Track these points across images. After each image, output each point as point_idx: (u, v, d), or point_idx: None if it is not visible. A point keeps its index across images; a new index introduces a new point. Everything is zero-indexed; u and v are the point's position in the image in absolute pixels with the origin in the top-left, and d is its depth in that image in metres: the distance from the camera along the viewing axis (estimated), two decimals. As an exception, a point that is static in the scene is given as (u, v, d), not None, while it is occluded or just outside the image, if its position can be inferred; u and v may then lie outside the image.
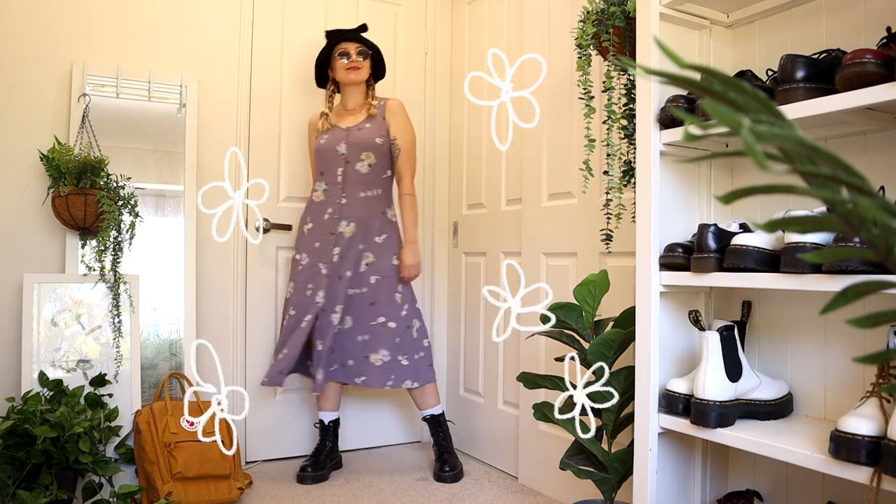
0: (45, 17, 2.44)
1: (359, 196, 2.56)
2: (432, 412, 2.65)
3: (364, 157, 2.57)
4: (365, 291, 2.55)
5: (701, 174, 1.76)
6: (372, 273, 2.56)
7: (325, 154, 2.59)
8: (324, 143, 2.59)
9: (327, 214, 2.56)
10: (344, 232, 2.54)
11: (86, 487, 2.06)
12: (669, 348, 1.66)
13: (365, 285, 2.55)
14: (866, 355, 0.43)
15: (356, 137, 2.57)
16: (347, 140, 2.57)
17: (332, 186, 2.57)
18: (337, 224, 2.54)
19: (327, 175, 2.59)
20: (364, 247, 2.56)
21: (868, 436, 1.21)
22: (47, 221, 2.39)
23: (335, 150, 2.57)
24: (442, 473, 2.57)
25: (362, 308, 2.54)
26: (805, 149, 0.38)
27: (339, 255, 2.53)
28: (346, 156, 2.57)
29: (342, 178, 2.56)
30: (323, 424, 2.65)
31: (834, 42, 1.56)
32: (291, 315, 2.55)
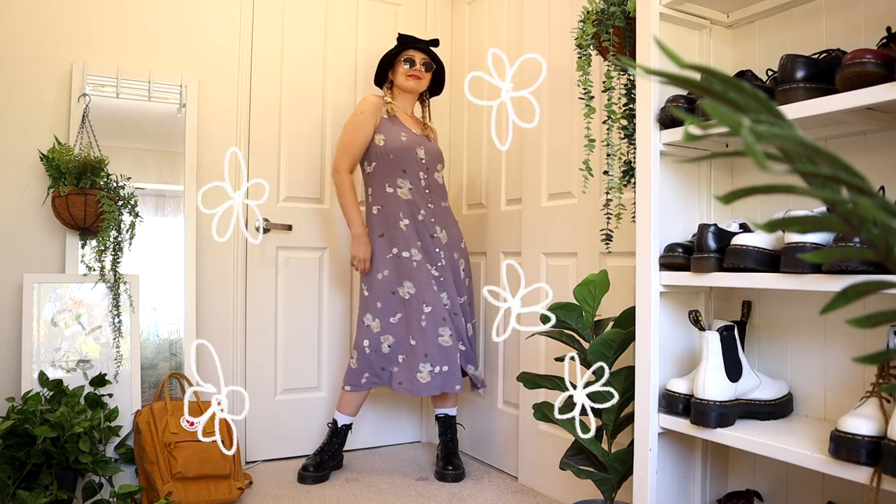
0: (45, 17, 2.44)
1: (442, 205, 2.62)
2: (448, 412, 2.67)
3: (439, 168, 2.64)
4: (466, 298, 2.65)
5: (701, 174, 1.76)
6: (467, 277, 2.68)
7: (406, 153, 2.54)
8: (406, 142, 2.55)
9: (421, 216, 2.54)
10: (440, 238, 2.58)
11: (86, 487, 2.06)
12: (669, 348, 1.66)
13: (466, 291, 2.65)
14: (866, 355, 0.43)
15: (432, 147, 2.62)
16: (425, 146, 2.59)
17: (417, 189, 2.55)
18: (433, 228, 2.56)
19: (410, 175, 2.55)
20: (458, 254, 2.64)
21: (868, 436, 1.21)
22: (47, 221, 2.39)
23: (415, 153, 2.56)
24: (444, 471, 2.57)
25: (466, 309, 2.65)
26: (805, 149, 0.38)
27: (445, 259, 2.58)
28: (426, 162, 2.58)
29: (426, 183, 2.57)
30: (336, 426, 2.64)
31: (834, 42, 1.56)
32: (427, 313, 2.47)
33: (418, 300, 2.49)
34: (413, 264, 2.51)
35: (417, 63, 2.61)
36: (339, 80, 2.98)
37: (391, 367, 2.53)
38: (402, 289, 2.51)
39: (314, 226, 2.91)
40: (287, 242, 2.85)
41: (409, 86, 2.61)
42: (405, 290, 2.51)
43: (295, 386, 2.86)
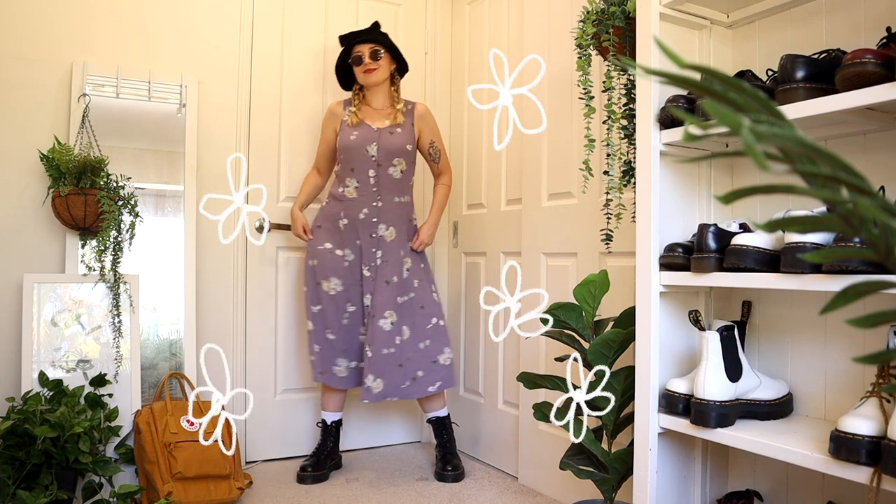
0: (45, 17, 2.44)
1: (394, 201, 2.57)
2: (438, 414, 2.66)
3: (396, 163, 2.57)
4: (413, 297, 2.58)
5: (701, 174, 1.76)
6: (413, 277, 2.60)
7: (354, 152, 2.55)
8: (354, 140, 2.55)
9: (363, 214, 2.53)
10: (385, 236, 2.55)
11: (86, 487, 2.06)
12: (669, 348, 1.66)
13: (411, 290, 2.58)
14: (866, 355, 0.43)
15: (388, 142, 2.56)
16: (379, 142, 2.55)
17: (364, 186, 2.54)
18: (376, 227, 2.54)
19: (358, 173, 2.54)
20: (404, 252, 2.59)
21: (868, 436, 1.21)
22: (47, 221, 2.39)
23: (365, 150, 2.54)
24: (444, 472, 2.57)
25: (415, 314, 2.57)
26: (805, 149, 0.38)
27: (383, 258, 2.55)
28: (378, 159, 2.55)
29: (375, 180, 2.55)
30: (325, 424, 2.65)
31: (834, 42, 1.56)
32: (351, 312, 2.54)
33: (342, 299, 2.54)
34: (345, 263, 2.55)
35: (365, 57, 2.57)
36: (339, 80, 2.97)
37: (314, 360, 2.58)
38: (327, 283, 2.55)
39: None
40: (287, 242, 2.84)
41: (370, 81, 2.58)
42: (331, 285, 2.54)
43: (295, 386, 2.86)
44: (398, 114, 2.60)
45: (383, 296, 2.51)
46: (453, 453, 2.65)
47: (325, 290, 2.54)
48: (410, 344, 2.53)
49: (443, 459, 2.62)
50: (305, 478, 2.53)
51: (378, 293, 2.51)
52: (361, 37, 2.60)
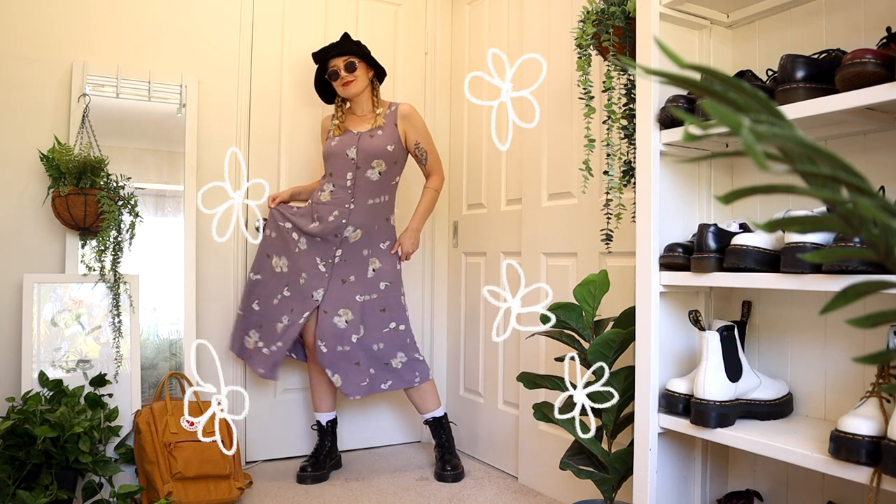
0: (45, 17, 2.44)
1: (367, 203, 2.57)
2: (434, 415, 2.66)
3: (375, 165, 2.57)
4: (375, 298, 2.58)
5: (701, 174, 1.76)
6: (380, 279, 2.60)
7: (334, 157, 2.57)
8: (335, 146, 2.57)
9: (332, 217, 2.54)
10: (349, 237, 2.56)
11: (86, 487, 2.06)
12: (669, 348, 1.66)
13: (375, 291, 2.58)
14: (866, 355, 0.43)
15: (367, 144, 2.56)
16: (358, 145, 2.56)
17: (340, 190, 2.55)
18: (343, 229, 2.54)
19: (336, 177, 2.56)
20: (369, 252, 2.59)
21: (868, 436, 1.21)
22: (47, 221, 2.39)
23: (345, 154, 2.56)
24: (443, 472, 2.57)
25: (374, 315, 2.57)
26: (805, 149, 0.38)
27: (342, 258, 2.55)
28: (357, 161, 2.55)
29: (352, 183, 2.55)
30: (320, 425, 2.66)
31: (834, 42, 1.56)
32: (285, 297, 2.53)
33: (283, 281, 2.54)
34: (296, 249, 2.55)
35: (341, 70, 2.57)
36: (339, 80, 2.97)
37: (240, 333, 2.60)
38: (277, 259, 2.56)
39: (314, 226, 2.91)
40: (287, 242, 2.84)
41: (348, 93, 2.59)
42: (280, 262, 2.56)
43: (295, 386, 2.86)
44: (378, 117, 2.61)
45: (338, 293, 2.53)
46: (452, 453, 2.65)
47: (273, 265, 2.56)
48: (364, 343, 2.55)
49: (442, 459, 2.62)
50: (305, 478, 2.53)
51: (332, 290, 2.53)
52: (334, 50, 2.59)
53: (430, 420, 2.66)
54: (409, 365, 2.59)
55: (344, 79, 2.56)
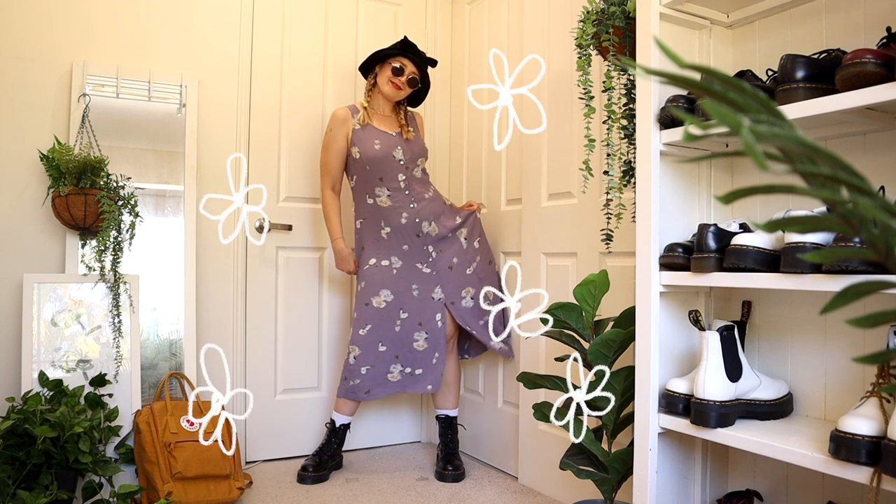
0: (45, 17, 2.44)
1: (425, 198, 2.61)
2: (449, 413, 2.68)
3: (420, 163, 2.63)
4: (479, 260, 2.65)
5: (701, 174, 1.76)
6: (473, 238, 2.66)
7: (382, 160, 2.55)
8: (380, 150, 2.55)
9: (404, 219, 2.56)
10: (429, 231, 2.58)
11: (86, 487, 2.06)
12: (669, 348, 1.66)
13: (476, 253, 2.66)
14: (866, 355, 0.43)
15: (410, 145, 2.61)
16: (404, 146, 2.59)
17: (396, 193, 2.56)
18: (420, 226, 2.57)
19: (388, 181, 2.56)
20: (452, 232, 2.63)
21: (868, 436, 1.21)
22: (47, 221, 2.39)
23: (392, 156, 2.56)
24: (444, 472, 2.58)
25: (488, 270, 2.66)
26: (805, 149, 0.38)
27: (436, 249, 2.60)
28: (406, 162, 2.58)
29: (406, 183, 2.58)
30: (334, 426, 2.64)
31: (834, 42, 1.56)
32: (403, 319, 2.55)
33: (395, 307, 2.55)
34: (392, 272, 2.56)
35: (405, 74, 2.58)
36: (339, 80, 2.98)
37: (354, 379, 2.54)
38: (376, 298, 2.53)
39: (314, 226, 2.91)
40: (287, 242, 2.85)
41: (387, 91, 2.60)
42: (381, 298, 2.54)
43: (295, 386, 2.86)
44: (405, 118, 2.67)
45: (451, 281, 2.59)
46: (455, 453, 2.65)
47: (375, 305, 2.53)
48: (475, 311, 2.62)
49: (444, 458, 2.62)
50: (306, 478, 2.53)
51: (445, 283, 2.58)
52: (419, 57, 2.63)
53: (443, 417, 2.67)
54: None
55: (400, 83, 2.59)
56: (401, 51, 2.61)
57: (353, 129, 2.59)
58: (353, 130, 2.59)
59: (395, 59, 2.60)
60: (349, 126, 2.59)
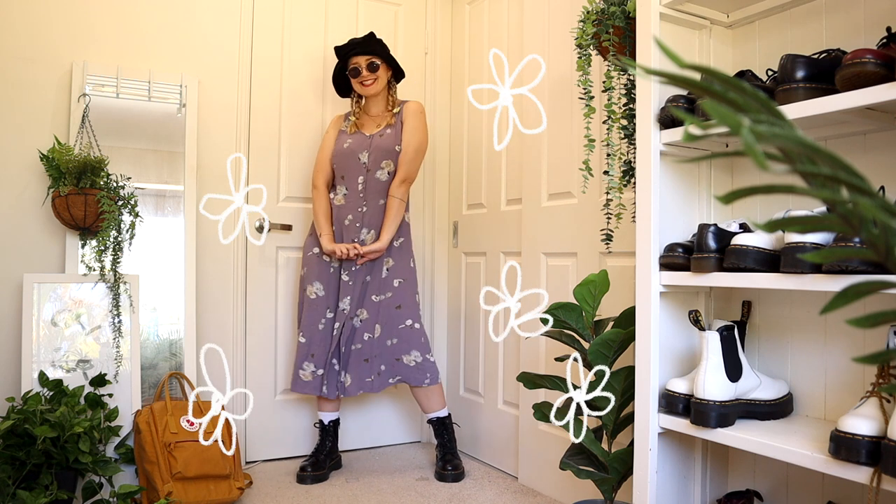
0: (45, 17, 2.44)
1: (378, 204, 2.59)
2: (439, 415, 2.66)
3: (384, 165, 2.59)
4: (390, 296, 2.59)
5: (701, 174, 1.76)
6: (394, 276, 2.61)
7: (347, 160, 2.59)
8: (347, 148, 2.60)
9: (348, 220, 2.58)
10: (366, 240, 2.57)
11: (86, 487, 2.06)
12: (669, 348, 1.66)
13: (389, 289, 2.59)
14: (866, 355, 0.43)
15: (377, 144, 2.60)
16: (370, 148, 2.59)
17: (352, 193, 2.59)
18: (359, 232, 2.57)
19: (348, 181, 2.59)
20: (386, 252, 2.59)
21: (868, 436, 1.21)
22: (47, 221, 2.39)
23: (357, 158, 2.59)
24: (444, 472, 2.58)
25: (389, 313, 2.58)
26: (805, 149, 0.38)
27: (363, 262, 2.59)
28: (368, 164, 2.58)
29: (363, 186, 2.58)
30: (323, 425, 2.66)
31: (834, 42, 1.56)
32: (328, 318, 2.56)
33: (322, 304, 2.56)
34: (331, 269, 2.59)
35: (362, 69, 2.60)
36: (339, 80, 2.97)
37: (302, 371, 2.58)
38: (311, 287, 2.58)
39: (314, 226, 2.91)
40: (287, 242, 2.85)
41: (368, 92, 2.62)
42: (313, 289, 2.57)
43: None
44: (391, 116, 2.64)
45: (358, 296, 2.56)
46: (454, 453, 2.65)
47: (308, 294, 2.58)
48: (379, 341, 2.57)
49: (443, 459, 2.62)
50: (305, 478, 2.53)
51: (354, 295, 2.56)
52: (358, 48, 2.60)
53: (434, 420, 2.66)
54: (422, 365, 2.59)
55: (364, 78, 2.59)
56: (343, 57, 2.63)
57: (340, 131, 2.67)
58: (340, 132, 2.67)
59: (348, 65, 2.62)
60: (339, 127, 2.69)
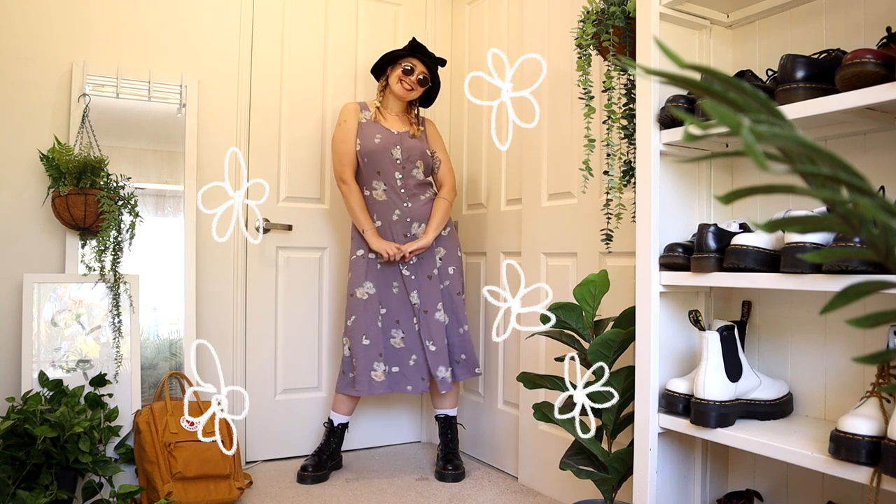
0: (45, 17, 2.44)
1: (420, 199, 2.62)
2: (448, 413, 2.68)
3: (419, 165, 2.64)
4: (448, 284, 2.64)
5: (701, 174, 1.76)
6: (448, 264, 2.66)
7: (379, 155, 2.59)
8: (379, 144, 2.59)
9: (396, 216, 2.59)
10: (417, 234, 2.60)
11: (86, 487, 2.06)
12: (669, 348, 1.66)
13: (447, 278, 2.64)
14: (866, 355, 0.43)
15: (411, 145, 2.63)
16: (402, 145, 2.61)
17: (392, 189, 2.60)
18: (410, 226, 2.59)
19: (385, 176, 2.59)
20: (435, 243, 2.64)
21: (868, 436, 1.21)
22: (47, 221, 2.39)
23: (390, 153, 2.60)
24: (444, 471, 2.58)
25: (454, 301, 2.64)
26: (805, 149, 0.38)
27: (420, 256, 2.60)
28: (402, 161, 2.60)
29: (402, 182, 2.60)
30: (332, 425, 2.64)
31: (834, 42, 1.56)
32: (384, 314, 2.57)
33: (375, 300, 2.56)
34: (377, 266, 2.58)
35: (415, 74, 2.62)
36: (339, 80, 2.98)
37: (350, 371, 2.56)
38: (360, 290, 2.56)
39: (314, 226, 2.91)
40: (287, 242, 2.84)
41: (398, 91, 2.63)
42: (364, 290, 2.56)
43: (295, 386, 2.86)
44: (414, 125, 2.69)
45: (430, 290, 2.59)
46: (455, 453, 2.66)
47: (359, 296, 2.56)
48: (453, 329, 2.62)
49: (444, 458, 2.63)
50: (305, 478, 2.53)
51: (423, 289, 2.59)
52: (428, 57, 2.66)
53: (442, 416, 2.68)
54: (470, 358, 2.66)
55: (410, 83, 2.62)
56: (410, 52, 2.65)
57: (360, 123, 2.64)
58: (360, 123, 2.64)
59: (406, 59, 2.63)
60: (358, 118, 2.65)
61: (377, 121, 2.64)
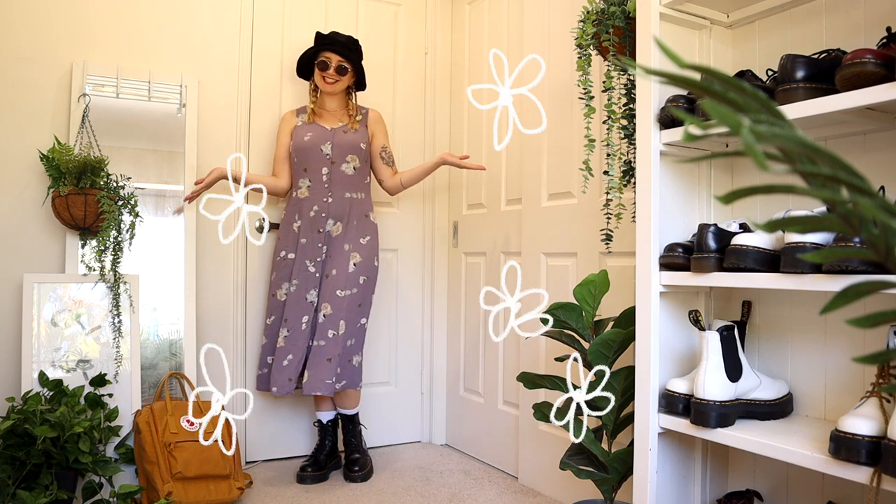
0: (45, 17, 2.44)
1: (344, 196, 2.59)
2: (350, 412, 2.65)
3: (349, 160, 2.60)
4: (354, 293, 2.55)
5: (701, 174, 1.76)
6: (360, 273, 2.58)
7: (308, 152, 2.58)
8: (308, 141, 2.59)
9: (313, 212, 2.56)
10: (331, 231, 2.56)
11: (86, 487, 2.06)
12: (669, 348, 1.66)
13: (354, 286, 2.55)
14: (866, 355, 0.43)
15: (342, 140, 2.60)
16: (333, 140, 2.59)
17: (316, 184, 2.57)
18: (324, 222, 2.56)
19: (311, 173, 2.58)
20: (350, 247, 2.58)
21: (868, 436, 1.21)
22: (47, 221, 2.39)
23: (319, 150, 2.58)
24: (352, 474, 2.56)
25: (352, 310, 2.55)
26: (805, 149, 0.38)
27: (327, 253, 2.56)
28: (332, 156, 2.58)
29: (328, 177, 2.58)
30: (321, 424, 2.66)
31: (834, 42, 1.56)
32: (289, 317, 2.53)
33: (298, 297, 2.52)
34: (294, 265, 2.56)
35: (331, 67, 2.60)
36: (339, 80, 2.97)
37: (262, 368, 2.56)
38: (280, 290, 2.56)
39: (314, 226, 2.90)
40: (287, 242, 2.84)
41: (324, 88, 2.62)
42: (283, 291, 2.55)
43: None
44: (352, 119, 2.66)
45: (324, 289, 2.54)
46: (360, 452, 2.64)
47: (278, 298, 2.56)
48: (342, 340, 2.51)
49: (349, 460, 2.61)
50: (305, 478, 2.53)
51: (322, 287, 2.54)
52: (336, 46, 2.61)
53: (346, 416, 2.65)
54: (360, 366, 2.60)
55: (329, 76, 2.60)
56: (319, 46, 2.62)
57: (296, 126, 2.65)
58: (295, 127, 2.65)
59: (319, 56, 2.61)
60: (292, 124, 2.67)
61: (312, 121, 2.63)
